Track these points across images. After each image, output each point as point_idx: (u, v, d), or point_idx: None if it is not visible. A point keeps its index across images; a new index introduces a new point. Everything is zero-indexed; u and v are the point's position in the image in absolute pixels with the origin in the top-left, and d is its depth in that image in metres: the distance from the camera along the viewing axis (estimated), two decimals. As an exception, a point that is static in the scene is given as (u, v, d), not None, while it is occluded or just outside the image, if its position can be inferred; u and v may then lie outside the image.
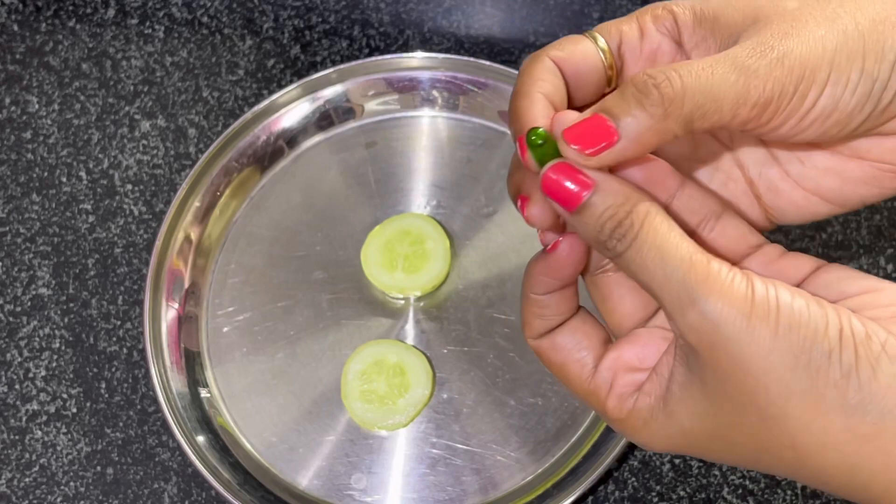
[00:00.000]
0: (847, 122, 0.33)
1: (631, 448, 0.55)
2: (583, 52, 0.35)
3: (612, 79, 0.35)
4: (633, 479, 0.55)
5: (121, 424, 0.57)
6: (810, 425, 0.30)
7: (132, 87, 0.65)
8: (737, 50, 0.32)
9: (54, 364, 0.59)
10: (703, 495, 0.54)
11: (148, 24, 0.66)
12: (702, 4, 0.35)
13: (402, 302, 0.58)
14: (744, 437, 0.32)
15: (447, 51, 0.64)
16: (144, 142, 0.63)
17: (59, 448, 0.57)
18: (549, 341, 0.37)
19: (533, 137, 0.32)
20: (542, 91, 0.34)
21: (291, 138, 0.62)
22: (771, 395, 0.30)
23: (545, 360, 0.38)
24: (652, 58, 0.35)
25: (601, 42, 0.35)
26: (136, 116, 0.64)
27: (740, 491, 0.54)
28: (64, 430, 0.58)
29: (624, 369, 0.36)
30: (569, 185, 0.32)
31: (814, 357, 0.30)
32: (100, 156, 0.63)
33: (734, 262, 0.35)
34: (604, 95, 0.36)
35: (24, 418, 0.58)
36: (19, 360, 0.59)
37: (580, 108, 0.33)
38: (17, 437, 0.57)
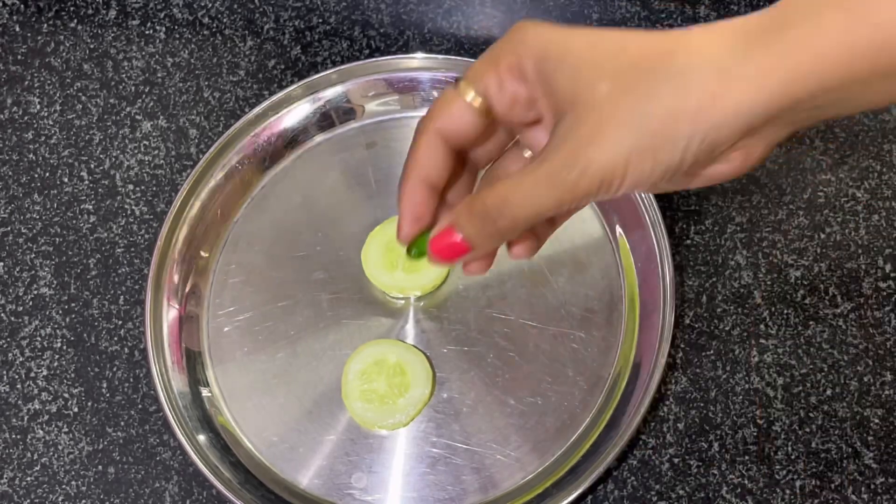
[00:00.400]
0: (653, 187, 0.41)
1: (630, 447, 0.55)
2: (459, 112, 0.43)
3: (488, 116, 0.43)
4: (633, 478, 0.55)
5: (122, 424, 0.58)
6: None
7: (133, 88, 0.65)
8: (551, 161, 0.40)
9: (56, 364, 0.59)
10: (703, 494, 0.54)
11: (149, 24, 0.66)
12: (542, 63, 0.42)
13: (402, 302, 0.58)
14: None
15: (447, 51, 0.64)
16: (146, 142, 0.64)
17: (60, 447, 0.57)
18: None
19: (414, 252, 0.44)
20: (419, 173, 0.44)
21: (292, 139, 0.62)
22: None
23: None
24: (513, 101, 0.43)
25: (470, 96, 0.43)
26: (138, 117, 0.64)
27: (739, 490, 0.54)
28: (65, 429, 0.58)
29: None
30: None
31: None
32: (101, 156, 0.63)
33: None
34: (489, 132, 0.45)
35: (25, 418, 0.58)
36: (21, 359, 0.59)
37: (476, 141, 0.44)
38: (18, 437, 0.58)
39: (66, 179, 0.63)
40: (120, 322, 0.60)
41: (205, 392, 0.57)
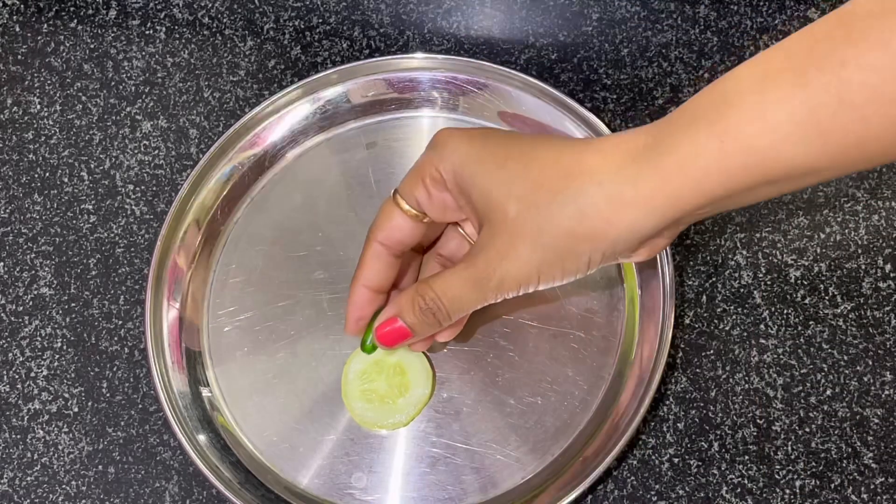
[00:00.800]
0: (566, 282, 0.47)
1: (630, 447, 0.55)
2: (398, 224, 0.50)
3: (424, 221, 0.50)
4: (633, 478, 0.55)
5: (122, 424, 0.58)
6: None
7: (133, 88, 0.65)
8: (475, 268, 0.46)
9: (56, 363, 0.59)
10: (702, 494, 0.54)
11: (149, 24, 0.66)
12: (458, 179, 0.47)
13: (403, 302, 0.58)
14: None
15: (447, 52, 0.64)
16: (146, 142, 0.64)
17: (60, 447, 0.57)
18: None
19: (368, 345, 0.53)
20: (364, 283, 0.52)
21: (292, 139, 0.62)
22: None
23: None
24: (443, 208, 0.49)
25: (406, 207, 0.49)
26: (138, 117, 0.64)
27: (739, 490, 0.54)
28: (65, 429, 0.58)
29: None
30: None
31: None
32: (101, 156, 0.63)
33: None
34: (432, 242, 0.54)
35: (25, 417, 0.58)
36: (21, 359, 0.59)
37: (425, 238, 0.52)
38: (18, 437, 0.58)
39: (66, 179, 0.63)
40: (120, 322, 0.60)
41: (205, 392, 0.57)
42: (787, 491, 0.54)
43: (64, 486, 0.57)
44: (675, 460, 0.55)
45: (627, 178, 0.43)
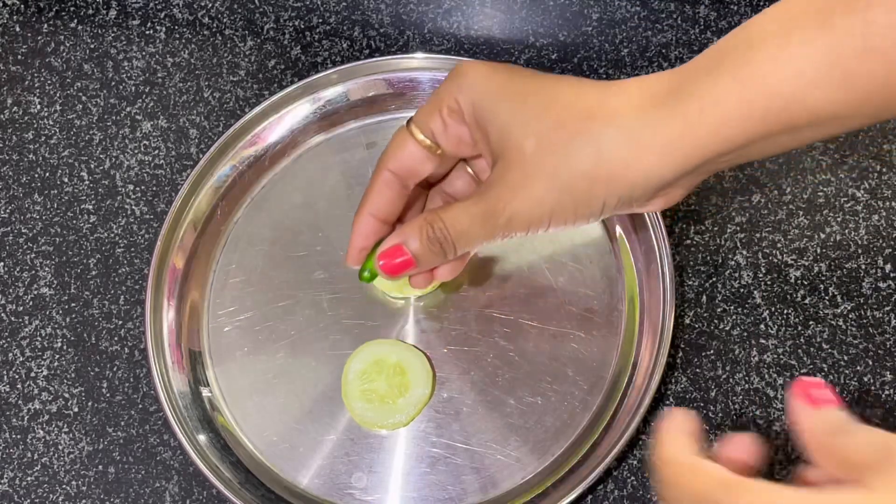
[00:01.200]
0: (576, 227, 0.46)
1: (630, 447, 0.55)
2: (410, 153, 0.48)
3: (437, 153, 0.48)
4: (633, 478, 0.55)
5: (122, 423, 0.58)
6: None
7: (134, 88, 0.65)
8: (486, 203, 0.45)
9: (56, 363, 0.59)
10: (702, 494, 0.54)
11: (149, 25, 0.66)
12: (477, 112, 0.46)
13: (402, 302, 0.58)
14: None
15: (447, 52, 0.64)
16: (146, 142, 0.64)
17: (60, 447, 0.57)
18: None
19: (366, 274, 0.50)
20: (371, 211, 0.50)
21: (292, 139, 0.62)
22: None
23: None
24: (458, 141, 0.48)
25: (420, 137, 0.48)
26: (138, 117, 0.64)
27: (739, 490, 0.54)
28: (66, 429, 0.58)
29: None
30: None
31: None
32: (101, 156, 0.63)
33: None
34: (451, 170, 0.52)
35: (25, 417, 0.58)
36: (21, 359, 0.59)
37: (434, 172, 0.50)
38: (19, 437, 0.58)
39: (66, 179, 0.63)
40: (120, 322, 0.60)
41: (205, 392, 0.57)
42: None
43: (64, 486, 0.57)
44: (675, 460, 0.55)
45: (648, 122, 0.42)
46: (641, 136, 0.42)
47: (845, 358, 0.56)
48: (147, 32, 0.66)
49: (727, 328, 0.57)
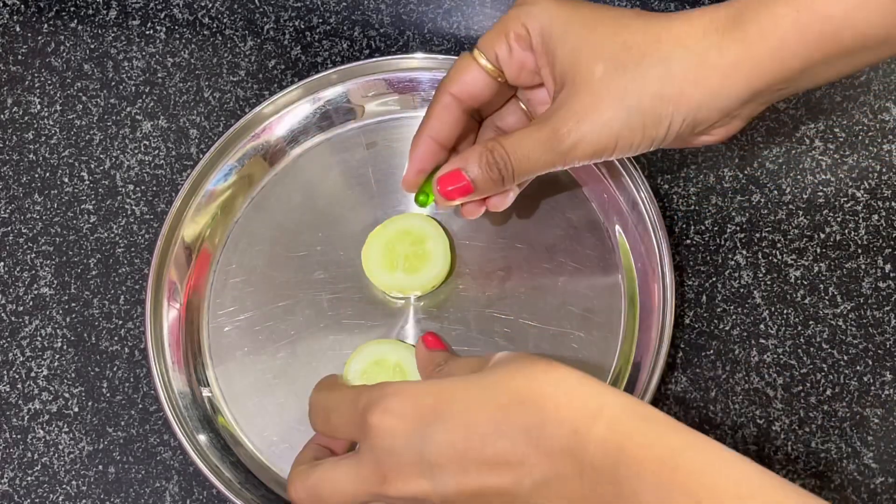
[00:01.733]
0: (638, 153, 0.47)
1: (630, 447, 0.55)
2: (472, 78, 0.49)
3: (499, 79, 0.50)
4: (633, 478, 0.55)
5: (122, 423, 0.58)
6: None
7: (134, 88, 0.65)
8: (550, 128, 0.46)
9: (56, 363, 0.59)
10: (702, 494, 0.54)
11: (149, 25, 0.66)
12: (546, 38, 0.47)
13: (402, 302, 0.58)
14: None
15: (447, 52, 0.64)
16: (146, 142, 0.64)
17: (61, 447, 0.57)
18: None
19: (422, 198, 0.52)
20: (431, 134, 0.51)
21: (292, 139, 0.62)
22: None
23: None
24: (521, 67, 0.49)
25: (483, 62, 0.49)
26: (138, 117, 0.64)
27: (739, 490, 0.54)
28: (66, 429, 0.58)
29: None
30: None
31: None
32: (101, 156, 0.63)
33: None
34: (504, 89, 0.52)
35: (26, 417, 0.58)
36: (21, 359, 0.59)
37: (491, 101, 0.51)
38: (19, 437, 0.58)
39: (66, 179, 0.63)
40: (120, 322, 0.60)
41: (205, 392, 0.57)
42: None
43: (64, 486, 0.57)
44: (675, 460, 0.55)
45: (713, 45, 0.44)
46: (707, 56, 0.44)
47: (845, 358, 0.56)
48: (147, 32, 0.66)
49: (727, 328, 0.57)
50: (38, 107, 0.65)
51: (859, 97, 0.61)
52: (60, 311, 0.60)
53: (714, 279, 0.58)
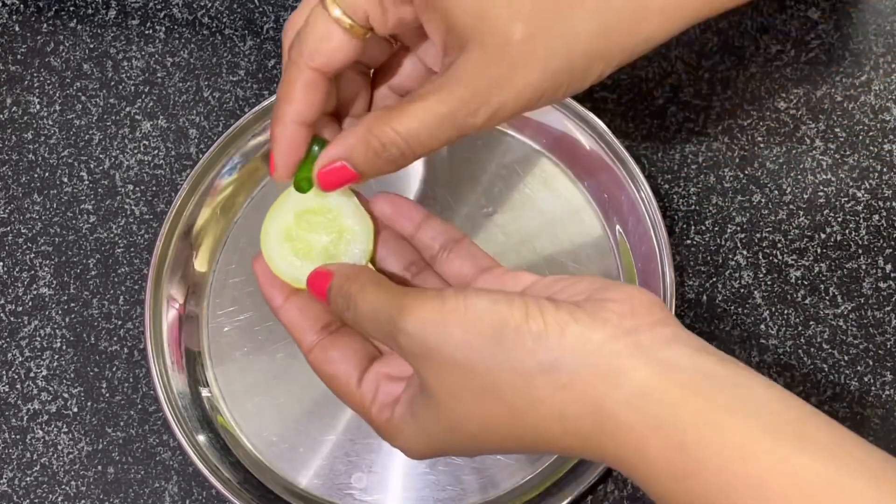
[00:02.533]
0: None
1: (630, 447, 0.55)
2: (337, 44, 0.39)
3: (366, 36, 0.40)
4: (633, 478, 0.55)
5: (122, 424, 0.58)
6: (517, 388, 0.35)
7: (133, 88, 0.65)
8: (459, 101, 0.38)
9: (55, 364, 0.59)
10: (703, 495, 0.54)
11: (149, 24, 0.66)
12: None
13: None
14: (475, 425, 0.36)
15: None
16: (145, 142, 0.64)
17: (60, 447, 0.57)
18: (322, 354, 0.42)
19: (304, 185, 0.43)
20: (298, 119, 0.41)
21: (292, 139, 0.62)
22: (479, 374, 0.35)
23: (318, 372, 0.42)
24: (398, 24, 0.40)
25: (347, 23, 0.39)
26: (138, 117, 0.64)
27: (739, 490, 0.54)
28: (65, 429, 0.58)
29: (386, 379, 0.40)
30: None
31: (506, 334, 0.35)
32: (101, 156, 0.63)
33: (467, 282, 0.44)
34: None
35: (25, 418, 0.58)
36: (20, 359, 0.59)
37: (370, 57, 0.43)
38: (18, 437, 0.58)
39: (65, 179, 0.63)
40: (120, 322, 0.60)
41: (204, 392, 0.57)
42: (788, 491, 0.54)
43: (63, 487, 0.57)
44: (676, 460, 0.55)
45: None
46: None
47: (846, 358, 0.56)
48: (146, 32, 0.66)
49: (727, 328, 0.57)
50: (38, 106, 0.65)
51: (860, 97, 0.61)
52: (60, 312, 0.60)
53: (714, 279, 0.58)
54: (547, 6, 0.37)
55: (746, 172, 0.60)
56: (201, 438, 0.55)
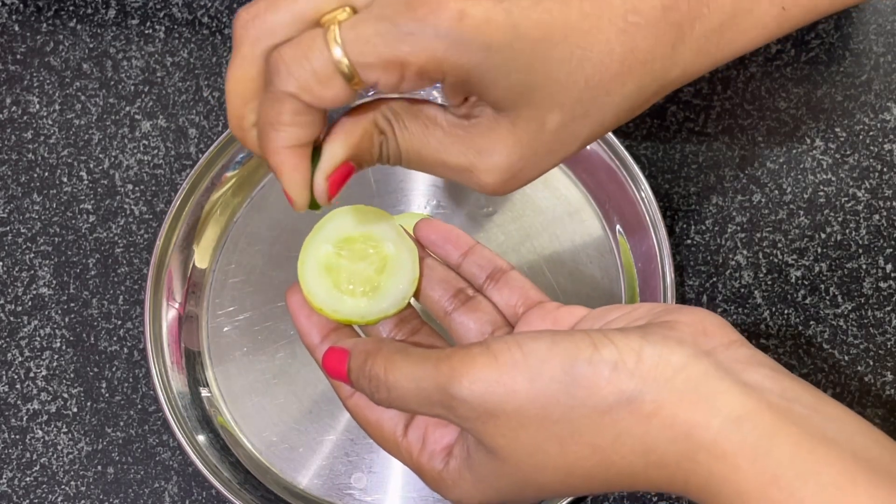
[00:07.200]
0: None
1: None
2: (333, 96, 0.35)
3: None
4: (633, 478, 0.55)
5: (121, 424, 0.58)
6: (600, 426, 0.32)
7: (133, 88, 0.65)
8: (468, 162, 0.37)
9: (55, 364, 0.59)
10: (703, 495, 0.54)
11: (148, 24, 0.66)
12: (477, 80, 0.35)
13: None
14: (548, 475, 0.34)
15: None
16: (145, 142, 0.63)
17: (59, 447, 0.57)
18: (364, 400, 0.39)
19: (317, 202, 0.39)
20: (297, 143, 0.36)
21: (292, 138, 0.62)
22: (555, 422, 0.32)
23: (358, 418, 0.40)
24: (408, 90, 0.36)
25: (346, 70, 0.35)
26: (137, 116, 0.64)
27: (739, 490, 0.54)
28: (65, 429, 0.58)
29: (433, 425, 0.38)
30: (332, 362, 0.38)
31: (579, 370, 0.32)
32: (100, 156, 0.63)
33: (513, 316, 0.41)
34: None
35: (24, 418, 0.58)
36: (20, 359, 0.59)
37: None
38: (17, 437, 0.58)
39: (65, 179, 0.63)
40: (119, 322, 0.60)
41: (204, 392, 0.57)
42: (788, 491, 0.54)
43: (63, 487, 0.57)
44: (676, 460, 0.55)
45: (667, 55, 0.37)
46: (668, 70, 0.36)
47: (846, 358, 0.56)
48: (146, 32, 0.66)
49: (727, 328, 0.57)
50: (37, 106, 0.65)
51: (860, 97, 0.61)
52: (59, 312, 0.60)
53: (714, 279, 0.58)
54: (590, 93, 0.35)
55: (746, 172, 0.60)
56: (201, 438, 0.55)
